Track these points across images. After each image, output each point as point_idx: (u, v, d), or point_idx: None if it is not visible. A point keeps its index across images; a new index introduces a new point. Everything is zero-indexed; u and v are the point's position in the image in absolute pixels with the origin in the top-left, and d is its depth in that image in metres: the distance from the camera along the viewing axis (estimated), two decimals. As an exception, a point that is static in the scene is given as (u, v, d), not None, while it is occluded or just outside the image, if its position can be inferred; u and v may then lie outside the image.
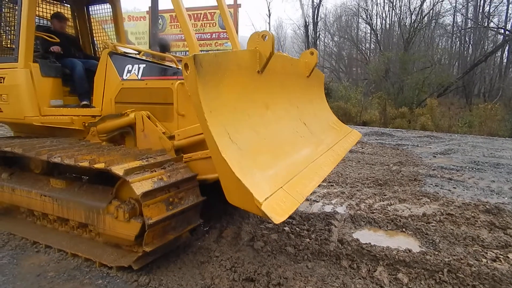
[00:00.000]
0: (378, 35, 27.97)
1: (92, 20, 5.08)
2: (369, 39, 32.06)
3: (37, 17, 4.33)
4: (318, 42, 27.35)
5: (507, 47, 25.08)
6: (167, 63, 3.67)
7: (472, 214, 4.00)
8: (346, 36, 30.69)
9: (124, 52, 3.71)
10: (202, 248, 3.06)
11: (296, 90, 3.17)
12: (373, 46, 30.92)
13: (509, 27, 23.45)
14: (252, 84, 2.29)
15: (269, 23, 33.70)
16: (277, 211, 1.64)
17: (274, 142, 2.31)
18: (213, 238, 3.25)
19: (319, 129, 3.24)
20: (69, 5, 4.89)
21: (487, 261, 2.93)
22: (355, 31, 32.51)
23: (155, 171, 2.67)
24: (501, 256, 3.03)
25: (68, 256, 2.92)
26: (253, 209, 1.63)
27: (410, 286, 2.59)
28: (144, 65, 3.39)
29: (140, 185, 2.45)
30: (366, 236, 3.46)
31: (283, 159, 2.21)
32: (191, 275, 2.64)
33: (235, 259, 2.80)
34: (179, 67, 3.36)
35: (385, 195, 4.76)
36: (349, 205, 4.34)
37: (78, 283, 2.56)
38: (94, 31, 5.09)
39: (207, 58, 1.80)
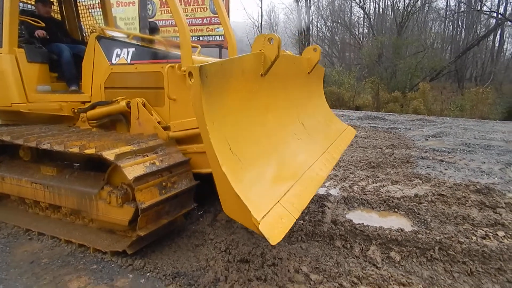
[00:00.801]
0: (371, 20, 27.76)
1: (78, 4, 4.94)
2: (362, 23, 31.85)
3: (21, 2, 4.21)
4: (311, 27, 27.09)
5: (499, 31, 25.14)
6: (156, 47, 3.59)
7: (463, 194, 4.06)
8: (339, 21, 30.43)
9: (113, 36, 3.62)
10: (196, 231, 3.07)
11: (296, 88, 3.13)
12: (366, 30, 30.75)
13: (502, 10, 23.42)
14: (255, 88, 2.26)
15: (261, 8, 33.33)
16: (274, 232, 1.65)
17: (274, 149, 2.30)
18: (208, 221, 3.26)
19: (316, 129, 3.24)
20: (54, -11, 4.74)
21: (477, 239, 2.98)
22: (348, 15, 32.23)
23: (147, 156, 2.65)
24: (491, 234, 3.09)
25: (61, 243, 2.91)
26: (250, 226, 1.64)
27: (402, 264, 2.63)
28: (134, 49, 3.32)
29: (132, 170, 2.43)
30: (359, 216, 3.50)
31: (281, 167, 2.21)
32: (186, 258, 2.65)
33: (229, 241, 2.81)
34: (170, 50, 3.29)
35: (377, 177, 4.80)
36: (342, 187, 4.38)
37: (73, 269, 2.56)
38: (81, 16, 4.97)
39: (213, 68, 1.74)
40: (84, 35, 5.01)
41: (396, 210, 3.66)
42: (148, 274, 2.48)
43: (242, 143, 1.95)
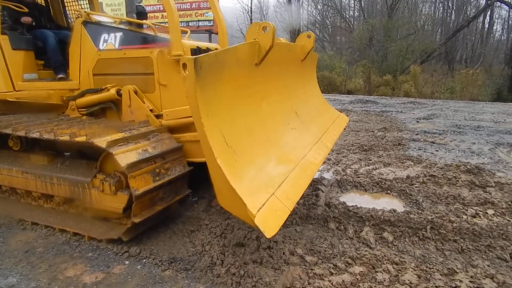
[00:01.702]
0: (362, 2, 27.49)
1: (63, -11, 4.78)
2: (352, 6, 31.54)
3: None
4: (301, 11, 26.76)
5: (489, 12, 25.14)
6: (145, 31, 3.51)
7: (454, 175, 4.13)
8: (329, 4, 30.06)
9: (99, 21, 3.53)
10: (191, 217, 3.08)
11: (290, 76, 3.09)
12: (357, 13, 30.47)
13: (492, -9, 23.34)
14: (249, 77, 2.22)
15: (250, -8, 32.58)
16: (269, 224, 1.66)
17: (268, 139, 2.29)
18: (202, 207, 3.27)
19: (310, 117, 3.22)
20: (36, -27, 4.57)
21: (467, 218, 3.05)
22: (339, -2, 31.84)
23: (139, 143, 2.62)
24: (481, 213, 3.16)
25: (56, 232, 2.90)
26: (245, 219, 1.64)
27: (395, 244, 2.68)
28: (121, 34, 3.25)
29: (125, 157, 2.41)
30: (352, 199, 3.54)
31: (275, 157, 2.21)
32: (181, 244, 2.66)
33: (224, 226, 2.83)
34: (158, 34, 3.22)
35: (370, 160, 4.84)
36: (335, 170, 4.41)
37: (68, 257, 2.55)
38: (65, 1, 4.81)
39: (207, 60, 1.70)
40: (70, 21, 4.86)
41: (388, 191, 3.71)
42: (144, 260, 2.49)
43: (236, 134, 1.93)
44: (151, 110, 3.06)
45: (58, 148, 3.16)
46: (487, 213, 3.16)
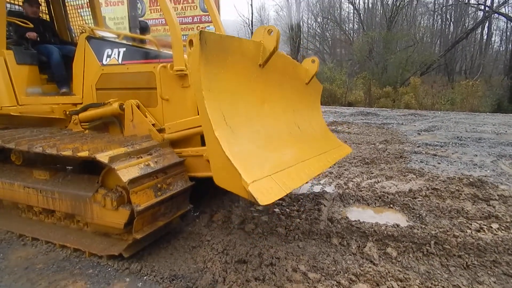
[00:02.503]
0: (361, 15, 27.84)
1: (67, 4, 4.86)
2: (352, 19, 31.93)
3: (8, 3, 4.13)
4: (301, 24, 27.07)
5: (487, 24, 25.41)
6: (148, 47, 3.55)
7: (457, 188, 4.10)
8: (329, 17, 30.44)
9: (103, 36, 3.57)
10: (193, 233, 3.05)
11: (294, 93, 3.11)
12: (356, 26, 30.82)
13: (489, 3, 23.66)
14: (253, 76, 2.27)
15: (251, 5, 33.11)
16: (263, 193, 1.65)
17: (268, 135, 2.30)
18: (204, 222, 3.24)
19: (312, 135, 3.23)
20: (41, -11, 4.65)
21: (471, 232, 3.01)
22: (338, 11, 32.25)
23: (142, 157, 2.62)
24: (485, 227, 3.13)
25: (56, 248, 2.86)
26: (239, 190, 1.63)
27: (399, 260, 2.65)
28: (125, 49, 3.28)
29: (127, 172, 2.40)
30: (355, 213, 3.52)
31: (274, 152, 2.22)
32: (183, 260, 2.63)
33: (226, 242, 2.80)
34: (161, 50, 3.26)
35: (372, 173, 4.82)
36: (337, 184, 4.39)
37: (68, 274, 2.52)
38: (70, 16, 4.89)
39: (213, 37, 1.77)
40: (74, 35, 4.93)
41: (391, 205, 3.69)
42: (145, 277, 2.45)
43: (236, 118, 1.95)
44: (153, 125, 3.07)
45: (61, 162, 3.16)
46: (491, 227, 3.13)
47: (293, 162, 2.33)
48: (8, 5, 4.12)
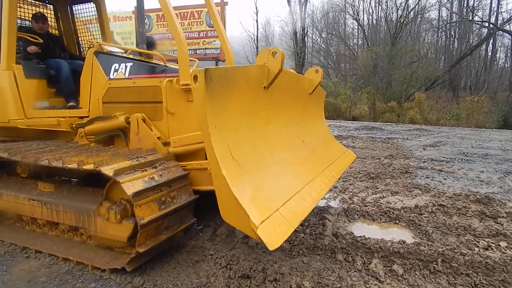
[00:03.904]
0: (366, 31, 28.12)
1: (76, 20, 4.98)
2: (356, 34, 32.26)
3: (19, 19, 4.23)
4: (306, 39, 27.38)
5: (491, 40, 25.52)
6: (154, 61, 3.61)
7: (463, 204, 4.05)
8: (333, 32, 30.80)
9: (110, 51, 3.64)
10: (196, 247, 3.03)
11: (298, 106, 3.15)
12: (360, 41, 31.09)
13: (493, 20, 23.84)
14: (258, 100, 2.27)
15: (256, 21, 33.53)
16: (272, 237, 1.63)
17: (274, 160, 2.30)
18: (207, 236, 3.22)
19: (316, 148, 3.24)
20: (52, 5, 4.78)
21: (479, 250, 2.96)
22: (343, 27, 32.66)
23: (146, 171, 2.63)
24: (493, 245, 3.07)
25: (59, 261, 2.85)
26: (248, 231, 1.62)
27: (406, 277, 2.59)
28: (131, 64, 3.34)
29: (131, 185, 2.40)
30: (360, 229, 3.47)
31: (281, 179, 2.21)
32: (186, 275, 2.61)
33: (230, 257, 2.77)
34: (167, 65, 3.31)
35: (377, 188, 4.78)
36: (342, 199, 4.35)
37: (71, 287, 2.50)
38: (78, 31, 5.00)
39: (218, 72, 1.77)
40: (82, 50, 5.03)
41: (397, 221, 3.64)
42: (147, 292, 2.43)
43: (243, 150, 1.95)
44: (158, 138, 3.09)
45: (66, 175, 3.18)
46: (499, 245, 3.07)
47: (300, 185, 2.33)
48: (19, 21, 4.22)
